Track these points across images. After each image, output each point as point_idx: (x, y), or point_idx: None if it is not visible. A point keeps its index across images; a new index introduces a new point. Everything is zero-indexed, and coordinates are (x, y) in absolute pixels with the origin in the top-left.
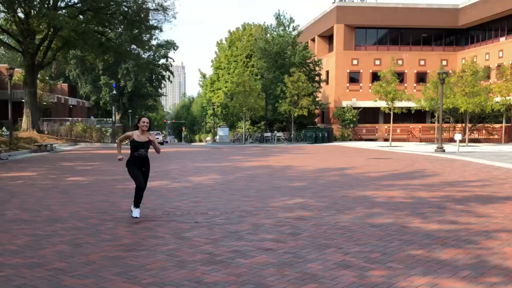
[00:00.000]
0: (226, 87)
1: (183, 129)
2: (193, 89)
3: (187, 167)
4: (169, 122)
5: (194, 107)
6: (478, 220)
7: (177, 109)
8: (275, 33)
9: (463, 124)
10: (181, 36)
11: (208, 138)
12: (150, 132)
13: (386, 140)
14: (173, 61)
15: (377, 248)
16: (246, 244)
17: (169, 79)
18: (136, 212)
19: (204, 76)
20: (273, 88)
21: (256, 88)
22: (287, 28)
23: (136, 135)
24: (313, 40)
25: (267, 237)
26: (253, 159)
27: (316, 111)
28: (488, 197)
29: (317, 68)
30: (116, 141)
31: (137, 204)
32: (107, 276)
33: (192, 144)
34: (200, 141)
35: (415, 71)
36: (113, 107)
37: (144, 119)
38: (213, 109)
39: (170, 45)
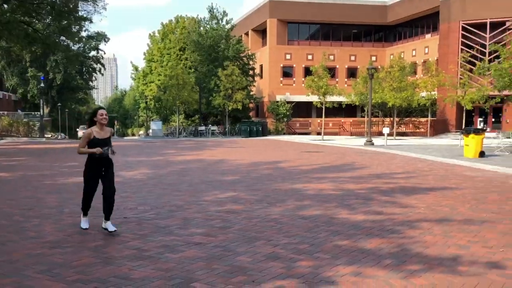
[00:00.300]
0: (159, 80)
1: (116, 122)
2: (125, 81)
3: (118, 162)
4: None
5: (127, 100)
6: (402, 211)
7: (109, 102)
8: (208, 26)
9: (391, 118)
10: (113, 28)
11: (141, 132)
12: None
13: (319, 134)
14: (104, 53)
15: (306, 240)
16: (176, 238)
17: (100, 71)
18: (84, 222)
19: (136, 68)
20: (207, 82)
21: (189, 81)
22: (220, 22)
23: (95, 131)
24: (246, 34)
25: (197, 231)
26: (186, 153)
27: (251, 105)
28: (413, 188)
29: (251, 62)
30: (79, 151)
31: (85, 212)
32: (31, 274)
33: (125, 138)
34: (133, 135)
35: (346, 66)
36: (41, 100)
37: (102, 111)
38: (146, 102)
39: (101, 37)
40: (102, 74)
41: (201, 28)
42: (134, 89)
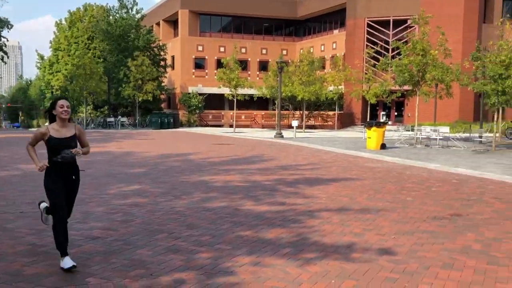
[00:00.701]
0: (66, 69)
1: (20, 113)
2: (31, 71)
3: (19, 154)
4: (4, 106)
5: (32, 90)
6: (304, 201)
7: (13, 92)
8: (118, 15)
9: (301, 112)
10: (18, 14)
11: (47, 123)
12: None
13: (231, 126)
14: (7, 40)
15: (208, 231)
16: (74, 233)
17: (2, 60)
18: (67, 262)
19: (42, 57)
20: (116, 72)
21: (97, 71)
22: (130, 11)
23: (53, 129)
24: (158, 24)
25: (97, 225)
26: (92, 145)
27: (162, 96)
28: (316, 179)
29: (162, 53)
30: (27, 148)
31: (64, 250)
32: None
33: (30, 129)
34: (39, 126)
35: (258, 60)
36: None
37: (62, 102)
38: (52, 92)
39: (3, 23)
40: (5, 63)
41: (110, 17)
42: (40, 79)
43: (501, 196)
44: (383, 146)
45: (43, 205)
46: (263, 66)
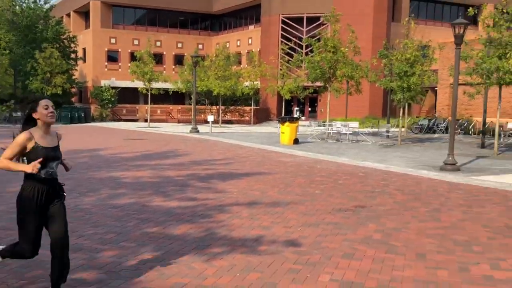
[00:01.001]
0: None
1: None
2: None
3: None
4: None
5: None
6: (215, 196)
7: None
8: (25, 5)
9: (218, 106)
10: None
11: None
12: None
13: (147, 120)
14: None
15: (113, 229)
16: None
17: None
18: None
19: None
20: (23, 64)
21: (2, 63)
22: (38, 1)
23: (38, 135)
24: (68, 15)
25: None
26: None
27: (73, 90)
28: (229, 174)
29: (72, 45)
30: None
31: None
32: None
33: None
34: None
35: (173, 53)
36: None
37: (47, 102)
38: None
39: None
40: None
41: (17, 7)
42: None
43: (403, 188)
44: (296, 141)
45: None
46: (179, 60)
